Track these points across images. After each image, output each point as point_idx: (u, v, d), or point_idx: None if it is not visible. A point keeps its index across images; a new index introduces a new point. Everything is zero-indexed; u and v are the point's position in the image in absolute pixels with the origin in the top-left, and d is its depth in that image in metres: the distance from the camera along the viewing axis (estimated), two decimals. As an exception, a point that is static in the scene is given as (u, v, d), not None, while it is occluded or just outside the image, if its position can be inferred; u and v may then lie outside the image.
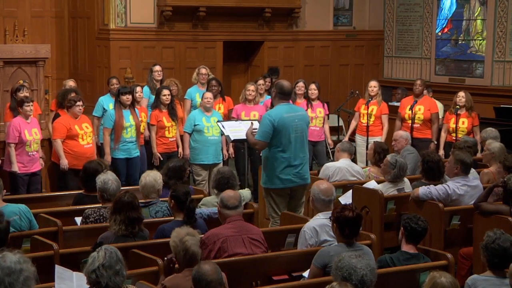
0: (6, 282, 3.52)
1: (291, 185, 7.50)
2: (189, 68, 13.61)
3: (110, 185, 6.71)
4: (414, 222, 5.76)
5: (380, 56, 16.03)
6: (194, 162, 9.86)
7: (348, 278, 4.50)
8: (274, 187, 7.54)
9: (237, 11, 14.02)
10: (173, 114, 10.08)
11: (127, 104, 9.65)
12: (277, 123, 7.40)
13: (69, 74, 14.07)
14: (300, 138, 7.55)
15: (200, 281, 4.50)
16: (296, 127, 7.51)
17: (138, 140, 9.76)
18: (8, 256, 3.59)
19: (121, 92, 9.66)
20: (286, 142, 7.45)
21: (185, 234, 5.05)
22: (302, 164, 7.57)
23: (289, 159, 7.48)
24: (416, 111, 10.68)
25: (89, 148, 9.31)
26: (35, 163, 9.15)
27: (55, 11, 14.13)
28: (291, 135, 7.46)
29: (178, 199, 6.28)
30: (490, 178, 8.11)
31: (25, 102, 9.04)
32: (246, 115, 10.34)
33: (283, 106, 7.57)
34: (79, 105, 9.26)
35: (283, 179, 7.49)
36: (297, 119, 7.54)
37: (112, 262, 4.28)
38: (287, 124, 7.45)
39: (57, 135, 9.23)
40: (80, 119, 9.32)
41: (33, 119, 9.22)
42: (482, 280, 5.18)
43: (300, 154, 7.55)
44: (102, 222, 6.53)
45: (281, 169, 7.48)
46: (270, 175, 7.54)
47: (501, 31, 13.93)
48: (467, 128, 10.39)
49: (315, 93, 10.86)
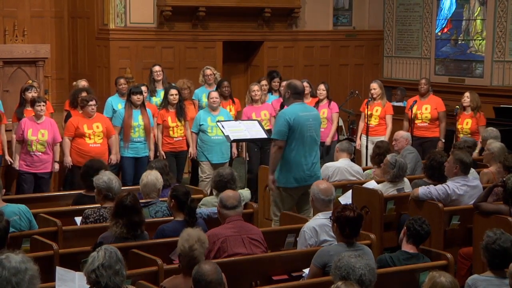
0: (13, 282, 3.53)
1: (305, 184, 7.46)
2: (189, 68, 13.62)
3: (115, 184, 6.69)
4: (418, 225, 5.78)
5: (379, 56, 16.03)
6: (201, 160, 9.96)
7: (346, 277, 4.51)
8: (288, 186, 7.53)
9: (237, 11, 14.02)
10: (180, 114, 10.06)
11: (138, 104, 9.71)
12: (292, 121, 7.43)
13: (69, 74, 14.08)
14: (313, 137, 7.58)
15: (199, 281, 4.49)
16: (310, 126, 7.54)
17: (147, 140, 9.77)
18: (12, 257, 3.60)
19: (132, 92, 9.73)
20: (300, 141, 7.47)
21: (196, 241, 4.98)
22: (314, 163, 7.60)
23: (304, 158, 7.49)
24: (423, 110, 10.71)
25: (95, 147, 9.31)
26: (40, 165, 9.15)
27: (55, 11, 14.13)
28: (305, 134, 7.48)
29: (178, 199, 6.27)
30: (490, 178, 8.11)
31: (36, 102, 9.10)
32: (257, 115, 10.41)
33: (298, 105, 7.59)
34: (92, 104, 9.30)
35: (297, 178, 7.50)
36: (311, 118, 7.58)
37: (112, 262, 4.27)
38: (302, 123, 7.47)
39: (65, 134, 9.37)
40: (93, 118, 9.35)
41: (46, 120, 9.22)
42: (482, 280, 5.18)
43: (312, 153, 7.57)
44: (102, 222, 6.52)
45: (296, 168, 7.48)
46: (285, 174, 7.52)
47: (500, 31, 13.93)
48: (471, 129, 10.40)
49: (323, 94, 10.85)
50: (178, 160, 10.10)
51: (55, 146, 9.26)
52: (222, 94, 10.36)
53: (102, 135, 9.36)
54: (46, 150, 9.16)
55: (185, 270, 4.97)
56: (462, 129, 10.39)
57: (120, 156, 9.67)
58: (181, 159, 10.20)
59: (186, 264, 4.97)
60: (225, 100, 10.53)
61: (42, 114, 9.13)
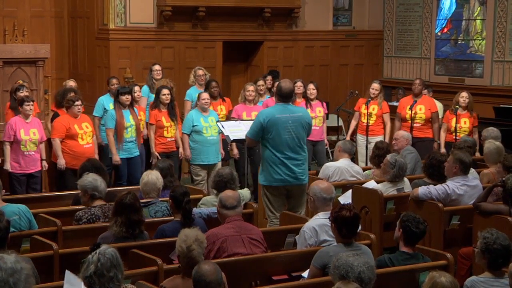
0: (11, 282, 3.55)
1: (284, 184, 7.51)
2: (189, 68, 13.57)
3: (100, 183, 6.69)
4: (414, 226, 5.66)
5: (379, 56, 16.04)
6: (194, 163, 9.88)
7: (345, 276, 4.51)
8: (267, 184, 7.59)
9: (237, 11, 14.02)
10: (173, 114, 10.07)
11: (127, 104, 9.66)
12: (266, 123, 7.45)
13: (69, 74, 14.08)
14: (294, 140, 7.54)
15: (199, 281, 4.50)
16: (289, 128, 7.51)
17: (138, 139, 9.77)
18: (6, 258, 3.61)
19: (120, 92, 9.66)
20: (279, 142, 7.48)
21: (193, 241, 4.98)
22: (297, 165, 7.57)
23: (282, 159, 7.49)
24: (417, 110, 10.70)
25: (89, 148, 9.30)
26: (33, 164, 9.11)
27: (55, 11, 14.14)
28: (283, 136, 7.48)
29: (175, 199, 6.29)
30: (490, 179, 8.11)
31: (25, 101, 9.03)
32: (248, 115, 10.35)
33: (278, 107, 7.62)
34: (78, 104, 9.25)
35: (275, 178, 7.52)
36: (291, 120, 7.52)
37: (105, 269, 4.19)
38: (279, 125, 7.46)
39: (56, 135, 9.23)
40: (80, 118, 9.31)
41: (34, 119, 9.19)
42: (480, 281, 5.16)
43: (294, 155, 7.55)
44: (95, 221, 6.55)
45: (275, 167, 7.51)
46: (265, 173, 7.60)
47: (500, 31, 13.93)
48: (469, 128, 10.41)
49: (313, 93, 10.88)
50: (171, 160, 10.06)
51: (41, 145, 9.21)
52: (211, 95, 10.32)
53: (92, 134, 9.36)
54: (37, 149, 9.13)
55: (185, 271, 4.97)
56: (461, 128, 10.38)
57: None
58: (174, 159, 10.15)
59: (185, 265, 4.97)
60: (214, 100, 10.46)
61: (31, 114, 9.08)
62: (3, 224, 5.29)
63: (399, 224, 5.75)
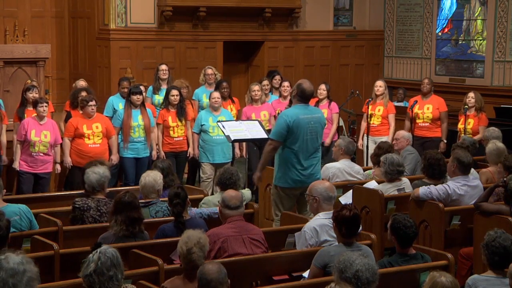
0: (10, 283, 3.51)
1: (301, 186, 7.47)
2: (189, 68, 13.63)
3: (90, 175, 6.85)
4: (406, 229, 5.60)
5: (380, 56, 16.03)
6: (201, 161, 9.98)
7: (343, 270, 4.50)
8: (285, 186, 7.54)
9: (237, 11, 14.02)
10: (181, 114, 10.07)
11: (138, 104, 9.71)
12: (292, 123, 7.43)
13: (69, 74, 14.08)
14: (313, 140, 7.57)
15: (201, 279, 4.53)
16: (311, 129, 7.53)
17: (147, 140, 9.77)
18: (11, 257, 3.57)
19: (132, 92, 9.72)
20: (300, 143, 7.47)
21: (195, 244, 4.97)
22: (313, 165, 7.59)
23: (301, 160, 7.49)
24: (425, 110, 10.72)
25: (95, 148, 9.29)
26: (41, 165, 9.13)
27: (55, 11, 14.13)
28: (305, 136, 7.48)
29: (169, 200, 6.34)
30: (489, 177, 8.12)
31: (38, 103, 9.10)
32: (257, 116, 10.43)
33: (300, 107, 7.59)
34: (92, 104, 9.29)
35: (294, 179, 7.50)
36: (313, 121, 7.56)
37: (105, 268, 4.18)
38: (302, 125, 7.46)
39: (65, 134, 9.39)
40: (93, 119, 9.33)
41: (49, 121, 9.22)
42: (482, 280, 5.18)
43: (312, 155, 7.57)
44: (86, 210, 6.69)
45: (293, 169, 7.49)
46: (282, 174, 7.54)
47: (501, 31, 13.93)
48: (472, 129, 10.40)
49: (323, 94, 10.85)
50: (178, 160, 10.10)
51: (55, 147, 9.26)
52: (222, 95, 10.36)
53: (102, 135, 9.33)
54: (48, 151, 9.15)
55: (185, 272, 4.98)
56: (465, 129, 10.39)
57: (119, 156, 9.65)
58: (181, 160, 10.19)
59: (185, 266, 4.98)
60: (224, 101, 10.53)
61: (45, 115, 9.13)
62: (3, 223, 5.30)
63: (390, 230, 5.72)
